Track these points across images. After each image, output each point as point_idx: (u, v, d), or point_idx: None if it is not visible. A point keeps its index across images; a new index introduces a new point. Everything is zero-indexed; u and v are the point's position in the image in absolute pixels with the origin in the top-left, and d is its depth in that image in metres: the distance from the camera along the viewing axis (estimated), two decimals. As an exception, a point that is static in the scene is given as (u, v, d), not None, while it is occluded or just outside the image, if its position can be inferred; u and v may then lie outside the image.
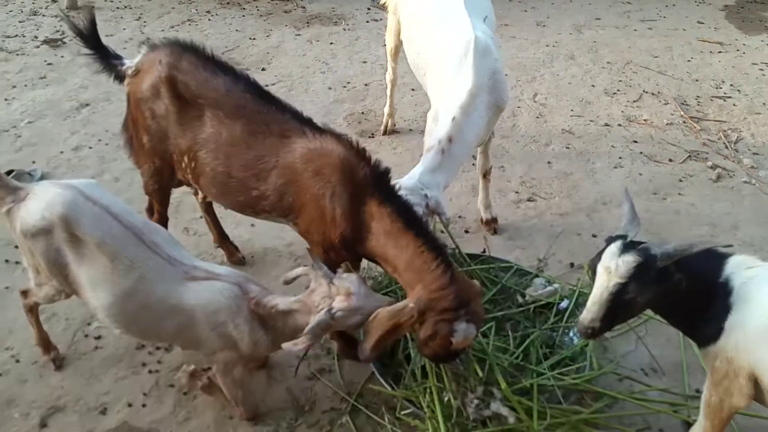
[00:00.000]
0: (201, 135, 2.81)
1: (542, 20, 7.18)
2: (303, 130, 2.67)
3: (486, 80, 3.23)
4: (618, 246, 2.13)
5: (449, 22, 3.51)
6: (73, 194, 2.48)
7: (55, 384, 2.91)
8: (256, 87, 2.83)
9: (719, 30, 7.07)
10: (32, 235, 2.48)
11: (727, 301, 2.11)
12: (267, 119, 2.72)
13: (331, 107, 5.32)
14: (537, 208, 4.20)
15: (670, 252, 2.07)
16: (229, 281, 2.51)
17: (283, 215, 2.78)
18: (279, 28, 6.76)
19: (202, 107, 2.79)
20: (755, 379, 2.11)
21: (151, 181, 3.15)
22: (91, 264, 2.46)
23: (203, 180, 2.90)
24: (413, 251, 2.39)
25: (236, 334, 2.48)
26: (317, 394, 2.90)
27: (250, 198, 2.78)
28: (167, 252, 2.51)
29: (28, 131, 4.78)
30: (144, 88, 2.90)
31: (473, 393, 2.49)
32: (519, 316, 3.06)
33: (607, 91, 5.71)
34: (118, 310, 2.48)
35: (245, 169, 2.73)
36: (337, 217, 2.56)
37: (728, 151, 4.87)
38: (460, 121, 3.12)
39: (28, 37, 6.28)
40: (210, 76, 2.79)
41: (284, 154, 2.66)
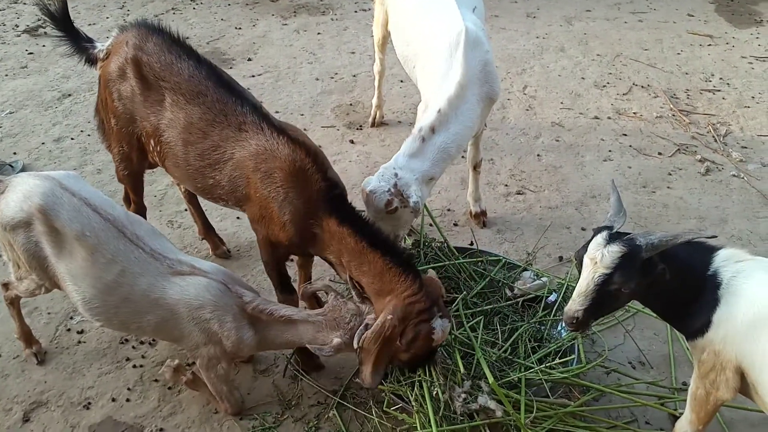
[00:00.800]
0: (163, 119, 2.79)
1: (532, 12, 7.15)
2: (261, 126, 2.64)
3: (477, 72, 3.20)
4: (603, 236, 2.13)
5: (438, 13, 3.47)
6: (51, 185, 2.44)
7: (37, 378, 2.87)
8: (218, 74, 2.80)
9: (709, 23, 7.07)
10: (11, 227, 2.44)
11: (715, 294, 2.11)
12: (225, 109, 2.69)
13: (319, 98, 5.26)
14: (526, 201, 4.19)
15: (655, 242, 2.07)
16: (215, 279, 2.50)
17: (237, 205, 2.80)
18: (265, 17, 6.68)
19: (164, 90, 2.77)
20: (742, 372, 2.11)
21: (121, 166, 3.12)
22: (71, 257, 2.42)
23: (168, 162, 2.89)
24: (381, 267, 2.45)
25: (220, 331, 2.46)
26: (303, 388, 2.87)
27: (207, 185, 2.79)
28: (150, 245, 2.48)
29: (8, 122, 4.69)
30: (111, 69, 2.89)
31: (461, 387, 2.48)
32: (507, 310, 3.04)
33: (597, 83, 5.70)
34: (100, 303, 2.45)
35: (201, 158, 2.73)
36: (286, 222, 2.58)
37: (717, 145, 4.87)
38: (445, 113, 3.08)
39: (9, 25, 6.15)
40: (174, 60, 2.77)
41: (239, 148, 2.65)
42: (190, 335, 2.49)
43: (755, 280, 2.09)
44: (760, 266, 2.14)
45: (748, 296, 2.07)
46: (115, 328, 2.83)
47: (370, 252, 2.46)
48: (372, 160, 4.49)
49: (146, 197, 3.87)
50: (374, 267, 2.46)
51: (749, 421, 2.76)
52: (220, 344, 2.50)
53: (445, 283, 3.04)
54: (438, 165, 3.07)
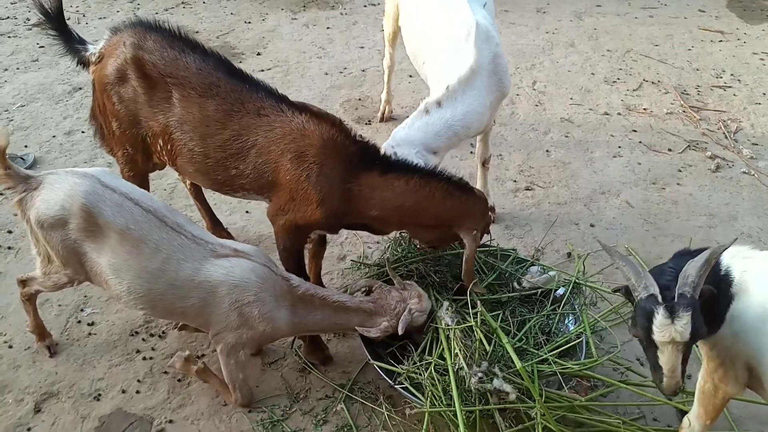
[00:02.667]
0: (173, 116, 2.75)
1: (542, 6, 7.11)
2: (280, 108, 2.66)
3: (487, 63, 3.22)
4: (663, 314, 1.98)
5: (449, 9, 3.47)
6: (92, 184, 2.48)
7: (48, 370, 2.90)
8: (226, 64, 2.78)
9: (720, 19, 7.02)
10: (50, 225, 2.47)
11: (729, 291, 2.10)
12: (241, 97, 2.68)
13: (328, 93, 5.26)
14: (535, 197, 4.18)
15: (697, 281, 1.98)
16: (259, 261, 2.58)
17: (261, 193, 2.79)
18: (275, 11, 6.68)
19: (171, 87, 2.72)
20: (750, 367, 2.11)
21: (126, 168, 3.08)
22: (113, 251, 2.46)
23: (180, 160, 2.85)
24: (443, 194, 2.65)
25: (259, 314, 2.52)
26: (312, 382, 2.89)
27: (228, 177, 2.77)
28: (192, 231, 2.54)
29: (20, 115, 4.72)
30: (109, 72, 2.82)
31: (478, 367, 2.49)
32: (515, 302, 3.04)
33: (607, 79, 5.67)
34: (145, 292, 2.50)
35: (222, 149, 2.71)
36: (322, 199, 2.61)
37: (728, 142, 4.84)
38: (454, 90, 3.09)
39: (20, 19, 6.18)
40: (179, 54, 2.73)
41: (263, 133, 2.65)
42: (226, 318, 2.54)
43: (764, 276, 2.09)
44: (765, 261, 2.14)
45: (758, 291, 2.07)
46: (158, 315, 2.91)
47: (426, 183, 2.63)
48: (381, 155, 4.49)
49: (156, 191, 3.91)
50: (434, 198, 2.63)
51: (759, 419, 2.75)
52: (253, 329, 2.55)
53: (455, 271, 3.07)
54: (441, 139, 3.05)
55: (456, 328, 2.61)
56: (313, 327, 2.71)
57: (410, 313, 2.62)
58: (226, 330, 2.57)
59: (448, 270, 3.06)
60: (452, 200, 2.66)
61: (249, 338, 2.60)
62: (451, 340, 2.60)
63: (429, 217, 2.68)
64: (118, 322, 3.12)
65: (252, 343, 2.66)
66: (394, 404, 2.76)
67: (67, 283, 2.66)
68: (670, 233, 3.91)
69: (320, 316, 2.64)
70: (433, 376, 2.55)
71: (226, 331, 2.58)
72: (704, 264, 1.99)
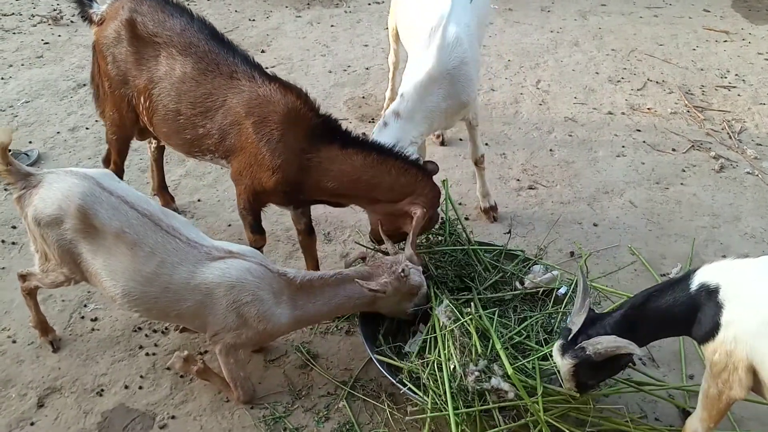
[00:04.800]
0: (156, 73, 2.93)
1: (547, 5, 7.10)
2: (252, 75, 2.81)
3: (451, 68, 3.17)
4: (558, 347, 2.35)
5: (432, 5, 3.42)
6: (90, 185, 2.49)
7: (51, 365, 2.91)
8: (210, 29, 2.98)
9: (725, 19, 7.00)
10: (46, 223, 2.48)
11: (715, 301, 2.16)
12: (217, 59, 2.86)
13: (332, 91, 5.26)
14: (538, 196, 4.18)
15: (602, 351, 2.23)
16: (254, 261, 2.59)
17: (225, 157, 2.92)
18: (279, 9, 6.68)
19: (158, 46, 2.92)
20: (754, 371, 2.11)
21: (111, 130, 3.29)
22: (108, 253, 2.48)
23: (156, 118, 3.01)
24: (396, 173, 2.80)
25: (257, 314, 2.52)
26: (314, 379, 2.89)
27: (196, 135, 2.92)
28: (186, 234, 2.55)
29: (24, 111, 4.73)
30: (108, 33, 3.04)
31: (475, 366, 2.49)
32: (518, 301, 3.04)
33: (611, 78, 5.66)
34: (140, 295, 2.51)
35: (193, 106, 2.87)
36: (279, 166, 2.74)
37: (732, 142, 4.83)
38: (410, 98, 3.12)
39: (25, 15, 6.20)
40: (167, 17, 2.96)
41: (231, 95, 2.80)
42: (224, 319, 2.54)
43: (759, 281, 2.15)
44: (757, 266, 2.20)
45: (754, 296, 2.11)
46: (152, 318, 2.94)
47: (381, 163, 2.78)
48: (384, 153, 4.49)
49: (160, 187, 3.91)
50: (390, 174, 2.78)
51: (761, 420, 2.75)
52: (252, 328, 2.55)
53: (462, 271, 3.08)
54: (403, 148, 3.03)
55: (452, 327, 2.60)
56: (315, 315, 2.72)
57: (408, 267, 2.69)
58: (224, 331, 2.57)
59: (450, 268, 3.06)
60: (406, 177, 2.81)
61: (248, 338, 2.59)
62: (447, 339, 2.60)
63: (383, 191, 2.83)
64: (122, 317, 3.13)
65: (252, 342, 2.66)
66: (395, 401, 2.76)
67: (63, 281, 2.67)
68: (673, 233, 3.90)
69: (321, 300, 2.65)
70: (435, 373, 2.55)
71: (224, 332, 2.58)
72: (616, 346, 2.23)
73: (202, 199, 4.00)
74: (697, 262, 2.37)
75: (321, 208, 3.94)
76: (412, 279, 2.70)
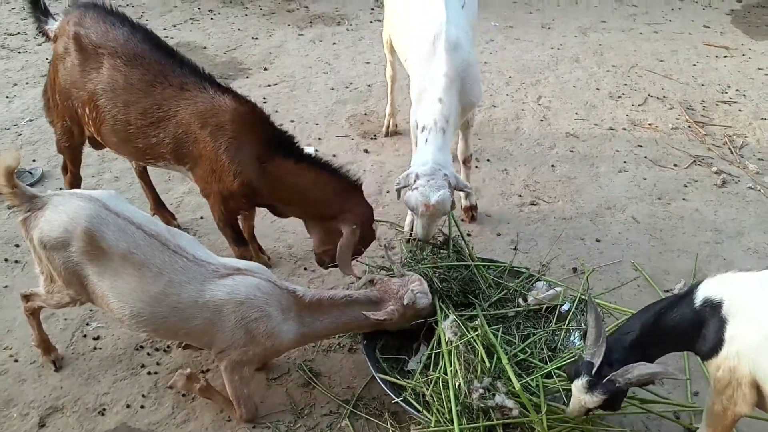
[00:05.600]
0: (100, 84, 2.99)
1: (547, 22, 7.15)
2: (203, 86, 2.91)
3: (461, 71, 3.33)
4: (584, 384, 2.27)
5: (425, 10, 3.54)
6: (96, 207, 2.50)
7: (53, 384, 2.90)
8: (153, 39, 3.03)
9: (725, 34, 7.04)
10: (52, 246, 2.49)
11: (718, 316, 2.16)
12: (165, 70, 2.94)
13: (334, 108, 5.29)
14: (540, 212, 4.18)
15: (633, 381, 2.21)
16: (263, 277, 2.59)
17: (180, 163, 3.02)
18: (282, 27, 6.74)
19: (101, 57, 2.97)
20: (758, 387, 2.10)
21: (62, 139, 3.37)
22: (116, 275, 2.48)
23: (104, 128, 3.07)
24: (340, 191, 2.97)
25: (265, 330, 2.52)
26: (316, 397, 2.87)
27: (148, 144, 2.99)
28: (193, 253, 2.56)
29: (28, 129, 4.76)
30: (59, 49, 3.13)
31: (480, 383, 2.48)
32: (520, 317, 3.03)
33: (612, 94, 5.68)
34: (148, 315, 2.51)
35: (143, 117, 2.93)
36: (241, 171, 2.87)
37: (733, 157, 4.83)
38: (447, 102, 3.24)
39: (30, 34, 6.25)
40: (110, 28, 3.02)
41: (183, 107, 2.87)
42: (232, 336, 2.54)
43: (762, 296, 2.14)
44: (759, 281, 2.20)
45: (756, 311, 2.11)
46: (161, 337, 2.96)
47: (332, 179, 2.96)
48: (386, 169, 4.50)
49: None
50: (335, 192, 2.96)
51: None
52: (259, 345, 2.55)
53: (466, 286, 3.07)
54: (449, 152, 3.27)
55: (457, 343, 2.60)
56: (321, 332, 2.73)
57: (413, 293, 2.69)
58: (231, 348, 2.57)
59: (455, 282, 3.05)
60: (347, 197, 2.99)
61: (255, 354, 2.59)
62: (452, 355, 2.59)
63: (325, 208, 2.99)
64: (124, 336, 3.13)
65: (258, 359, 2.66)
66: (398, 420, 2.74)
67: (69, 303, 2.67)
68: (676, 248, 3.89)
69: (329, 319, 2.66)
70: (439, 390, 2.54)
71: (231, 349, 2.57)
72: (649, 373, 2.19)
73: (204, 216, 4.00)
74: (700, 278, 2.36)
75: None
76: (418, 304, 2.71)
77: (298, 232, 3.72)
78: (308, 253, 3.71)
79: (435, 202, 3.02)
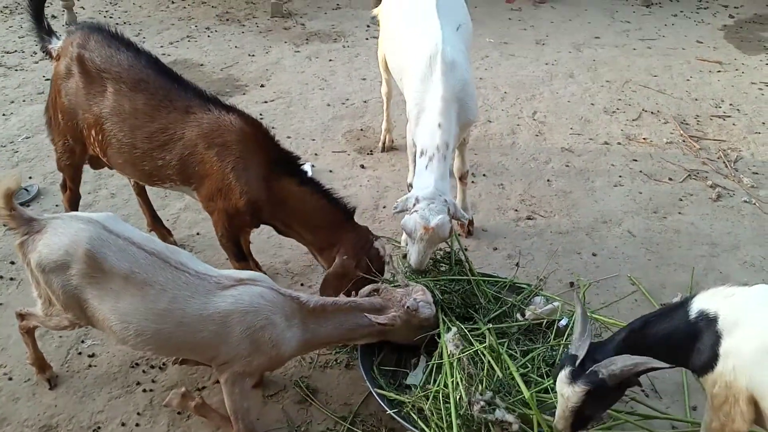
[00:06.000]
0: (105, 108, 3.02)
1: (541, 39, 7.22)
2: (208, 107, 2.94)
3: (458, 91, 3.35)
4: (567, 374, 2.23)
5: (420, 32, 3.58)
6: (96, 229, 2.49)
7: (48, 402, 2.87)
8: (157, 63, 3.05)
9: (718, 49, 7.11)
10: (51, 269, 2.47)
11: (713, 330, 2.13)
12: (170, 95, 2.96)
13: (330, 124, 5.31)
14: (536, 227, 4.18)
15: (617, 373, 2.15)
16: (265, 285, 2.60)
17: (187, 183, 3.04)
18: (278, 44, 6.79)
19: (107, 81, 2.99)
20: (755, 403, 2.08)
21: (63, 157, 3.38)
22: (117, 297, 2.46)
23: (110, 151, 3.09)
24: (337, 218, 3.03)
25: (270, 338, 2.52)
26: (313, 414, 2.85)
27: (155, 167, 3.02)
28: (194, 268, 2.55)
29: (25, 147, 4.77)
30: (61, 69, 3.15)
31: (482, 396, 2.47)
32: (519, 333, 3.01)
33: (607, 109, 5.72)
34: (153, 333, 2.49)
35: (149, 140, 2.95)
36: (247, 189, 2.90)
37: (728, 171, 4.86)
38: (446, 127, 3.25)
39: (27, 52, 6.29)
40: (114, 52, 3.03)
41: (190, 128, 2.89)
42: (237, 346, 2.51)
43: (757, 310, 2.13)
44: (754, 295, 2.18)
45: (751, 326, 2.08)
46: (166, 354, 2.94)
47: (330, 207, 3.00)
48: (382, 184, 4.51)
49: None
50: (331, 219, 3.01)
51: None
52: (263, 354, 2.53)
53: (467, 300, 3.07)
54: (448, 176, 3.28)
55: (460, 356, 2.58)
56: (325, 339, 2.72)
57: (416, 302, 2.70)
58: (234, 359, 2.55)
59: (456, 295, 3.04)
60: (342, 227, 3.03)
61: (258, 365, 2.57)
62: (454, 368, 2.58)
63: (323, 234, 3.04)
64: (119, 353, 3.11)
65: (260, 369, 2.65)
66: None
67: (68, 326, 2.65)
68: (672, 262, 3.90)
69: (332, 325, 2.65)
70: (439, 405, 2.52)
71: (234, 360, 2.55)
72: (633, 364, 2.14)
73: (201, 232, 4.00)
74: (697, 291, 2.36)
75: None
76: (421, 312, 2.71)
77: (294, 248, 3.71)
78: (305, 268, 3.71)
79: (435, 225, 2.98)
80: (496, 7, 8.07)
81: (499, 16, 7.74)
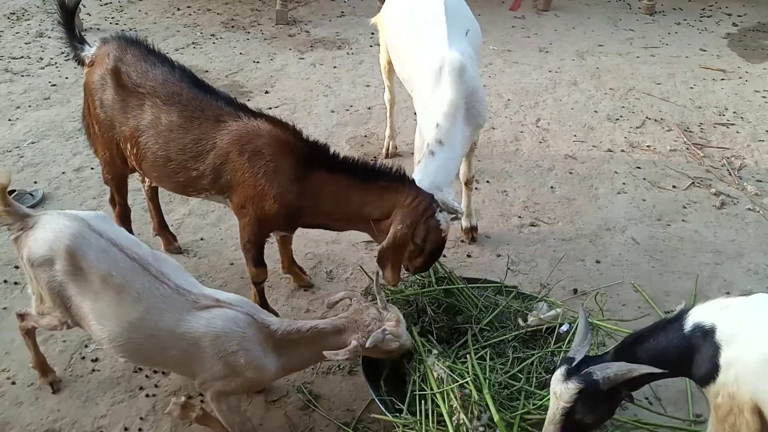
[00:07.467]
0: (142, 122, 3.02)
1: (545, 46, 7.23)
2: (238, 115, 2.93)
3: (466, 96, 3.36)
4: (562, 372, 2.23)
5: (428, 38, 3.58)
6: (80, 226, 2.49)
7: (51, 407, 2.88)
8: (191, 76, 3.07)
9: (722, 57, 7.11)
10: (38, 264, 2.49)
11: (712, 341, 2.12)
12: (201, 105, 2.95)
13: (334, 130, 5.33)
14: (540, 233, 4.18)
15: (611, 376, 2.15)
16: (241, 310, 2.53)
17: (221, 193, 3.02)
18: (283, 51, 6.82)
19: (142, 96, 3.02)
20: (760, 413, 2.07)
21: (105, 169, 3.43)
22: (96, 296, 2.46)
23: (145, 164, 3.10)
24: (379, 191, 2.85)
25: (245, 363, 2.47)
26: (315, 420, 2.85)
27: (189, 178, 3.01)
28: (175, 281, 2.51)
29: (30, 151, 4.79)
30: (95, 78, 3.15)
31: (479, 420, 2.45)
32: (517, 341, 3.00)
33: (610, 117, 5.72)
34: (125, 340, 2.48)
35: (183, 152, 2.96)
36: (279, 193, 2.84)
37: (732, 178, 4.85)
38: (444, 127, 3.24)
39: (34, 58, 6.33)
40: (150, 68, 3.06)
41: (221, 137, 2.89)
42: (212, 368, 2.48)
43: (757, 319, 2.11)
44: (753, 304, 2.17)
45: (753, 335, 2.07)
46: (138, 363, 2.92)
47: (365, 183, 2.85)
48: (386, 191, 4.51)
49: (163, 226, 3.92)
50: (373, 192, 2.84)
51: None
52: (241, 376, 2.50)
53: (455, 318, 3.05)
54: (453, 172, 3.26)
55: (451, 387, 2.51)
56: (302, 363, 2.69)
57: (383, 333, 2.49)
58: (212, 379, 2.52)
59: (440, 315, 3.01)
60: (389, 192, 2.84)
61: (239, 385, 2.53)
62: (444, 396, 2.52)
63: (372, 210, 2.87)
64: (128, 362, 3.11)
65: (242, 389, 2.59)
66: None
67: (57, 325, 2.65)
68: (676, 270, 3.89)
69: (303, 349, 2.57)
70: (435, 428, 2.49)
71: (212, 380, 2.53)
72: (628, 369, 2.16)
73: (205, 237, 4.01)
74: (701, 299, 2.35)
75: (323, 246, 3.95)
76: (387, 345, 2.54)
77: (297, 252, 3.72)
78: (308, 272, 3.72)
79: None
80: (500, 14, 8.09)
81: (502, 24, 7.76)
